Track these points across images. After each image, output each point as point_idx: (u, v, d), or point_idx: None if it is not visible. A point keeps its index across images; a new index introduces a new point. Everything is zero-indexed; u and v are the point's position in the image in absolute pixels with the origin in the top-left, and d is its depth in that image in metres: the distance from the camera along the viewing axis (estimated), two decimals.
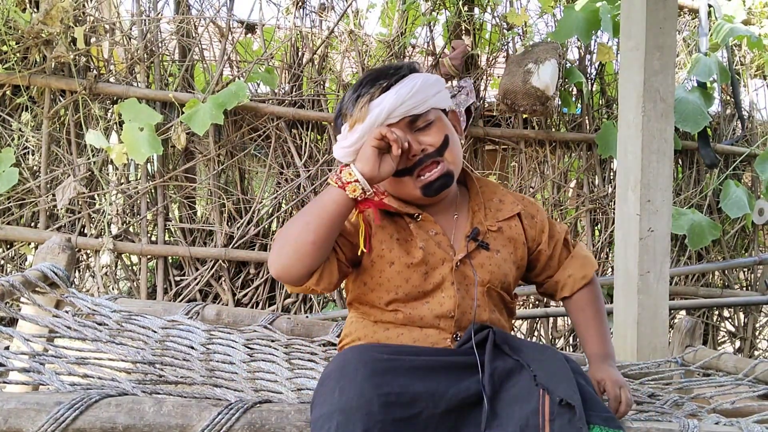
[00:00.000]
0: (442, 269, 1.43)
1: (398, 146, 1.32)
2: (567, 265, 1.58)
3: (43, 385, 1.36)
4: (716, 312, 4.15)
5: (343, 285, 1.53)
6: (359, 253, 1.41)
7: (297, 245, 1.32)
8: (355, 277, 1.48)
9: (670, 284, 3.08)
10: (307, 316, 3.26)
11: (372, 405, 1.10)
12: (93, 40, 3.41)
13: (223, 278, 3.47)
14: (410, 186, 1.42)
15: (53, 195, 3.33)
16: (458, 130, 1.51)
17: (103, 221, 3.37)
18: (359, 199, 1.31)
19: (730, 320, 4.21)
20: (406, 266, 1.42)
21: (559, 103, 3.78)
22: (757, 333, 4.23)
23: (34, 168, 3.41)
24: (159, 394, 1.34)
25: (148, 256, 3.45)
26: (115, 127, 3.41)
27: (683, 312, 3.96)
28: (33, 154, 3.43)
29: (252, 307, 3.48)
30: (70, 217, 3.42)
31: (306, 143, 3.55)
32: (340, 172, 1.32)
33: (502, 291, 1.49)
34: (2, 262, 3.44)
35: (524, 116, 3.81)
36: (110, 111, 3.42)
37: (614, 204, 3.19)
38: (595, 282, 1.60)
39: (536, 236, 1.55)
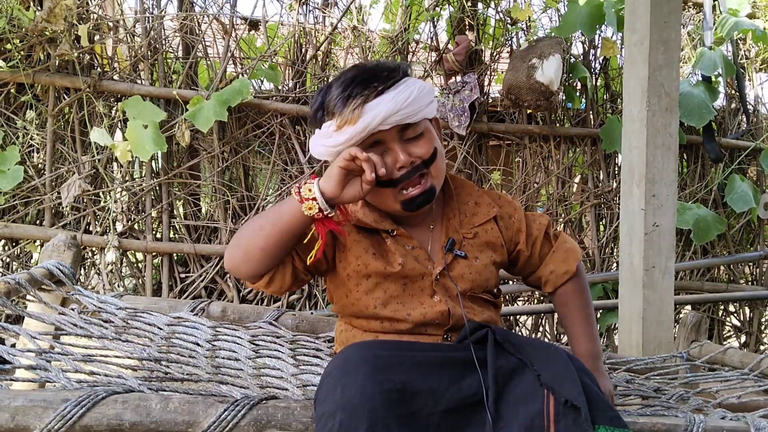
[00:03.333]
0: (421, 283, 1.43)
1: (371, 171, 1.25)
2: (549, 261, 1.57)
3: (49, 382, 1.36)
4: (722, 307, 4.14)
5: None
6: (324, 264, 1.41)
7: (247, 248, 1.32)
8: (335, 289, 1.48)
9: (676, 279, 3.07)
10: (312, 313, 3.27)
11: (375, 401, 1.10)
12: (97, 37, 3.41)
13: (228, 275, 3.47)
14: (390, 199, 1.39)
15: (58, 193, 3.34)
16: (439, 137, 1.49)
17: (108, 219, 3.38)
18: (315, 218, 1.27)
19: (735, 315, 4.20)
20: (384, 277, 1.41)
21: (563, 98, 3.77)
22: (762, 327, 4.22)
23: (39, 166, 3.42)
24: (165, 391, 1.35)
25: (153, 254, 3.46)
26: (119, 124, 3.41)
27: (688, 307, 3.95)
28: (38, 152, 3.43)
29: (257, 303, 3.48)
30: (75, 214, 3.42)
31: (310, 140, 3.54)
32: (302, 185, 1.27)
33: (485, 294, 1.50)
34: (8, 260, 3.45)
35: (528, 111, 3.80)
36: (114, 108, 3.42)
37: (619, 199, 3.18)
38: (580, 275, 1.58)
39: (513, 236, 1.54)
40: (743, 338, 4.17)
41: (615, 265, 3.85)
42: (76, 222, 3.43)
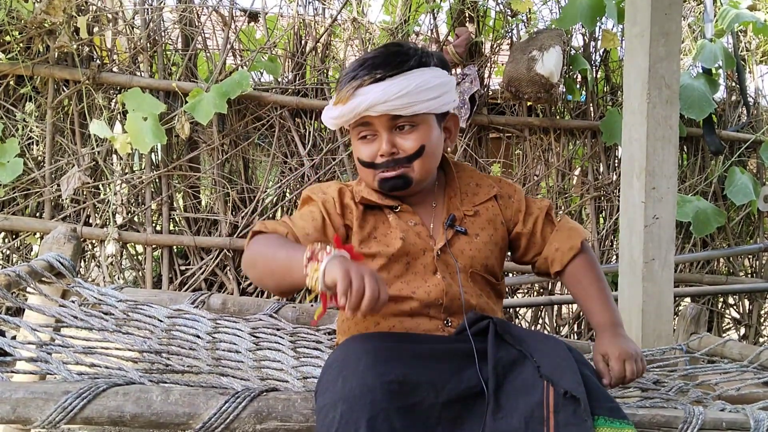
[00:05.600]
0: (423, 259, 1.45)
1: (351, 308, 1.11)
2: (552, 240, 1.56)
3: (50, 374, 1.37)
4: (721, 299, 4.15)
5: None
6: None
7: (263, 280, 1.36)
8: None
9: (675, 271, 3.07)
10: (311, 305, 3.27)
11: (375, 393, 1.10)
12: (96, 29, 3.40)
13: (228, 267, 3.48)
14: (371, 177, 1.45)
15: (58, 185, 3.34)
16: (451, 136, 1.51)
17: (107, 211, 3.38)
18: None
19: (735, 307, 4.21)
20: (388, 258, 1.43)
21: (564, 90, 3.77)
22: (762, 320, 4.22)
23: (39, 158, 3.41)
24: (166, 383, 1.35)
25: (153, 246, 3.46)
26: (118, 116, 3.41)
27: (688, 299, 3.96)
28: (37, 145, 3.43)
29: (257, 296, 3.48)
30: (74, 207, 3.42)
31: (310, 132, 3.54)
32: (312, 260, 1.15)
33: (486, 274, 1.50)
34: (8, 252, 3.45)
35: (528, 104, 3.79)
36: (114, 101, 3.42)
37: (619, 191, 3.18)
38: (587, 250, 1.57)
39: (512, 216, 1.56)
40: (742, 330, 4.18)
41: (615, 257, 3.85)
42: (75, 214, 3.43)
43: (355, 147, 1.47)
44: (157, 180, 3.46)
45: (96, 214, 3.42)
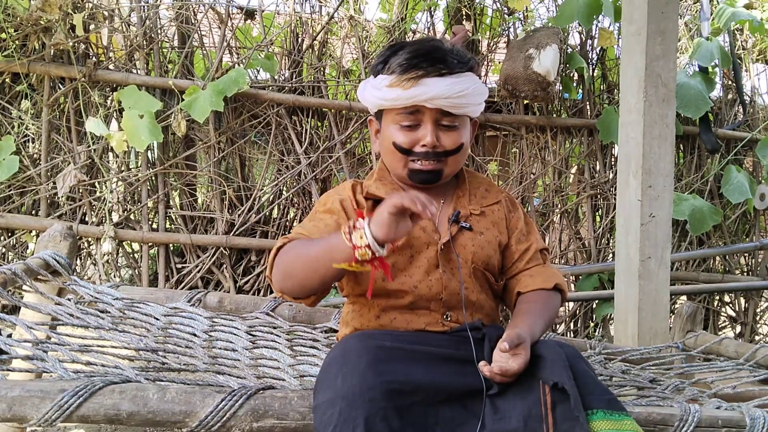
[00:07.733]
0: (427, 252, 1.46)
1: (425, 211, 1.20)
2: (534, 272, 1.55)
3: (46, 372, 1.36)
4: (717, 297, 4.15)
5: None
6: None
7: (304, 281, 1.33)
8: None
9: (671, 270, 3.07)
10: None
11: (375, 392, 1.11)
12: (92, 27, 3.39)
13: (224, 265, 3.47)
14: (401, 163, 1.48)
15: (54, 183, 3.33)
16: (471, 137, 1.56)
17: (104, 209, 3.37)
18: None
19: (730, 305, 4.22)
20: (391, 251, 1.42)
21: (560, 88, 3.77)
22: (757, 318, 4.23)
23: (35, 156, 3.40)
24: (162, 381, 1.35)
25: (150, 244, 3.45)
26: (115, 114, 3.40)
27: (684, 297, 3.96)
28: (33, 142, 3.42)
29: (254, 294, 3.48)
30: (70, 204, 3.41)
31: (306, 130, 3.54)
32: (353, 230, 1.22)
33: (487, 271, 1.51)
34: (4, 250, 3.44)
35: (525, 102, 3.80)
36: (110, 98, 3.41)
37: (615, 190, 3.18)
38: (554, 295, 1.53)
39: (511, 227, 1.58)
40: (738, 328, 4.18)
41: (611, 255, 3.86)
42: (71, 212, 3.43)
43: (391, 131, 1.47)
44: (153, 178, 3.46)
45: (92, 212, 3.41)
